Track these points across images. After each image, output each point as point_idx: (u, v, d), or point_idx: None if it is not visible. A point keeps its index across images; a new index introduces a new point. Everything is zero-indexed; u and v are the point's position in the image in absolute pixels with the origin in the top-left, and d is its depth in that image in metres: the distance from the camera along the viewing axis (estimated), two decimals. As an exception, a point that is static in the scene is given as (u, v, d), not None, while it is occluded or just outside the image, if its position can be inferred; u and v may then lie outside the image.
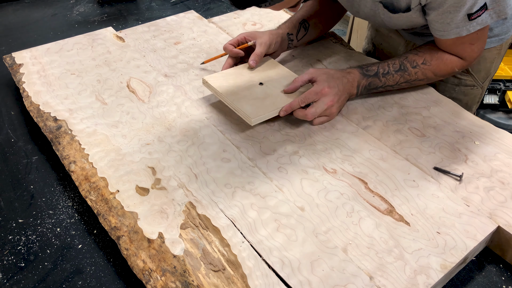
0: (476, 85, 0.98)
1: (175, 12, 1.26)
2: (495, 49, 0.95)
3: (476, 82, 0.98)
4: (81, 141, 0.76)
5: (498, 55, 0.97)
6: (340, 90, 0.80)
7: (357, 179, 0.70)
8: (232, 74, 0.87)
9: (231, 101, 0.80)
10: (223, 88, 0.82)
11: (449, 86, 0.97)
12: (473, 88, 0.98)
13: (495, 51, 0.95)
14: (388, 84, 0.85)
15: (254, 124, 0.77)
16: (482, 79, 0.98)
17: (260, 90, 0.83)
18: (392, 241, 0.60)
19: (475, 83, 0.98)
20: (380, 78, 0.84)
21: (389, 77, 0.84)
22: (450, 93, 0.97)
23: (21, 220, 0.67)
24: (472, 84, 0.98)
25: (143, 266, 0.57)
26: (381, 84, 0.84)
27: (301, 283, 0.55)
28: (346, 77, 0.82)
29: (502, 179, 0.70)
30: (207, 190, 0.67)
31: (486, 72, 0.98)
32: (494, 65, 0.98)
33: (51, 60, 0.97)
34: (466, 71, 0.96)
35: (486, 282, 0.61)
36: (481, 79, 0.98)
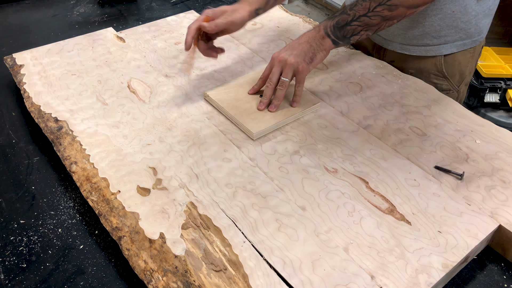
0: (452, 89, 0.98)
1: (175, 12, 1.26)
2: (468, 52, 0.94)
3: (452, 86, 0.98)
4: (82, 141, 0.76)
5: (472, 58, 0.96)
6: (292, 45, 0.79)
7: (358, 178, 0.70)
8: (233, 87, 0.88)
9: (233, 115, 0.80)
10: (224, 103, 0.83)
11: None
12: (449, 93, 0.98)
13: (468, 54, 0.95)
14: (360, 15, 0.76)
15: (256, 138, 0.77)
16: (458, 83, 0.98)
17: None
18: (393, 240, 0.60)
19: (451, 87, 0.98)
20: (347, 13, 0.77)
21: (357, 8, 0.76)
22: None
23: (23, 221, 0.67)
24: (448, 88, 0.98)
25: (144, 266, 0.57)
26: (350, 18, 0.77)
27: (303, 283, 0.55)
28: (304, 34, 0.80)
29: (503, 177, 0.70)
30: (208, 190, 0.67)
31: (461, 76, 0.97)
32: (469, 68, 0.98)
33: (52, 61, 0.97)
34: (441, 75, 0.95)
35: (488, 281, 0.61)
36: (456, 82, 0.98)
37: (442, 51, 0.93)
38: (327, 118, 0.82)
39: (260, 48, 1.04)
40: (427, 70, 0.96)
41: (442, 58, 0.94)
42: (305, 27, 1.13)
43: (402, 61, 0.98)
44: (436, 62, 0.95)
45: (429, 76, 0.97)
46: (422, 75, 0.97)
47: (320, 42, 0.79)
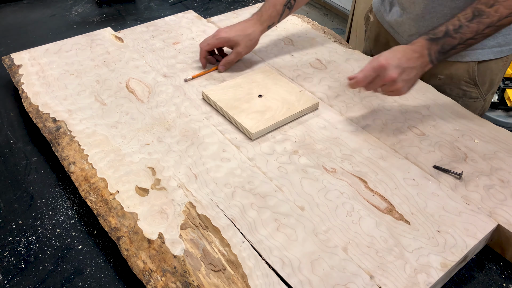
0: (480, 98, 0.95)
1: (173, 12, 1.26)
2: (502, 61, 0.91)
3: (480, 95, 0.95)
4: (81, 142, 0.76)
5: (503, 66, 0.93)
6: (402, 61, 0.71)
7: (357, 178, 0.70)
8: (231, 86, 0.88)
9: (231, 114, 0.80)
10: (223, 102, 0.83)
11: (453, 97, 0.92)
12: (476, 101, 0.95)
13: (501, 62, 0.92)
14: (467, 38, 0.72)
15: (254, 138, 0.77)
16: (486, 92, 0.95)
17: (260, 102, 0.83)
18: (392, 240, 0.60)
19: (479, 95, 0.95)
20: (453, 36, 0.72)
21: (464, 30, 0.71)
22: None
23: (21, 221, 0.67)
24: (476, 96, 0.95)
25: (143, 266, 0.57)
26: (457, 41, 0.72)
27: (302, 283, 0.55)
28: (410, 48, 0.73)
29: (501, 177, 0.70)
30: (207, 190, 0.67)
31: (490, 84, 0.95)
32: (499, 77, 0.95)
33: (50, 61, 0.97)
34: (473, 82, 0.92)
35: (487, 280, 0.61)
36: (485, 91, 0.95)
37: (478, 57, 0.89)
38: (325, 118, 0.82)
39: (258, 47, 1.04)
40: (458, 76, 0.92)
41: (476, 65, 0.90)
42: (304, 27, 1.13)
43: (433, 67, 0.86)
44: (469, 69, 0.91)
45: (460, 83, 0.93)
46: (452, 81, 0.93)
47: (423, 69, 0.74)
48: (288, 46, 1.05)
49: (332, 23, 3.07)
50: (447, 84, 0.93)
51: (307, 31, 1.11)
